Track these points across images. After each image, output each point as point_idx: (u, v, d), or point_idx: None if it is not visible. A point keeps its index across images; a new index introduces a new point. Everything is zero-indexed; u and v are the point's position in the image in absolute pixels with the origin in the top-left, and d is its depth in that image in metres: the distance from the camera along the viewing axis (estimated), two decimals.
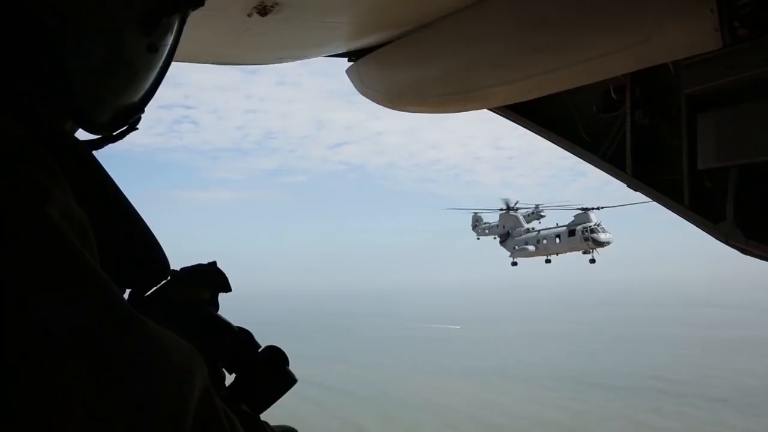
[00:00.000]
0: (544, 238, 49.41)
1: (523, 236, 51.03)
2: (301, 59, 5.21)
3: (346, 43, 4.78)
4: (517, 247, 51.12)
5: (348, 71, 5.13)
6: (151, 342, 0.81)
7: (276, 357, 1.33)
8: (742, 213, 3.75)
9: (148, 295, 1.22)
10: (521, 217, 52.11)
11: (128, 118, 1.29)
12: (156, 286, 1.22)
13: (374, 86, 5.01)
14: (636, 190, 4.37)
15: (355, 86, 5.16)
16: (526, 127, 4.87)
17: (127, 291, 1.20)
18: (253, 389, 1.30)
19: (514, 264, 52.06)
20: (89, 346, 0.74)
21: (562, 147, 4.79)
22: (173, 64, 1.30)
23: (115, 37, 1.16)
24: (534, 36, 3.78)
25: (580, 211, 47.02)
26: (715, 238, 3.94)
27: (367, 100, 5.10)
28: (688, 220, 4.08)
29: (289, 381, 1.33)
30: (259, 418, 1.25)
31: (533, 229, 51.24)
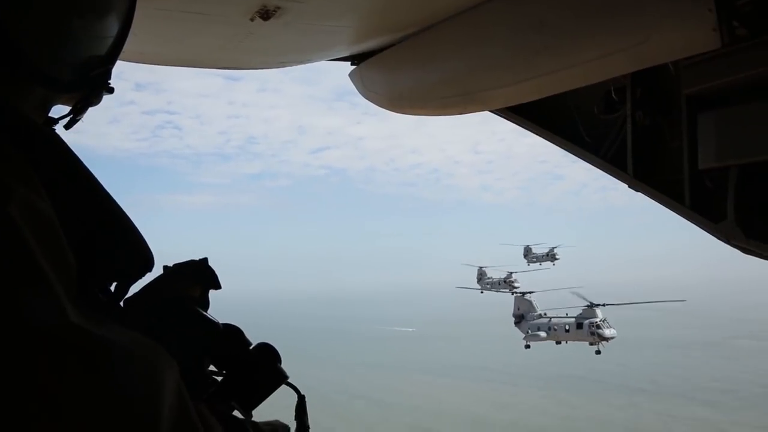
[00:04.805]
0: (555, 326, 53.85)
1: (536, 321, 55.40)
2: (304, 63, 5.24)
3: (349, 47, 4.79)
4: (530, 332, 55.24)
5: (351, 75, 5.15)
6: (108, 343, 0.78)
7: (266, 354, 1.32)
8: (743, 212, 3.75)
9: (139, 291, 1.21)
10: (534, 302, 56.45)
11: (92, 71, 1.22)
12: (140, 278, 1.18)
13: (376, 90, 5.02)
14: (637, 191, 4.36)
15: (358, 89, 5.17)
16: (526, 128, 4.87)
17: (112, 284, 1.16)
18: (243, 386, 1.29)
19: (527, 347, 56.26)
20: (35, 348, 0.72)
21: (562, 148, 4.79)
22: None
23: None
24: (533, 38, 3.78)
25: (587, 307, 51.73)
26: (716, 237, 3.94)
27: (347, 106, 5.16)
28: (689, 220, 4.08)
29: (280, 377, 1.33)
30: (243, 418, 1.26)
31: (545, 314, 55.44)
